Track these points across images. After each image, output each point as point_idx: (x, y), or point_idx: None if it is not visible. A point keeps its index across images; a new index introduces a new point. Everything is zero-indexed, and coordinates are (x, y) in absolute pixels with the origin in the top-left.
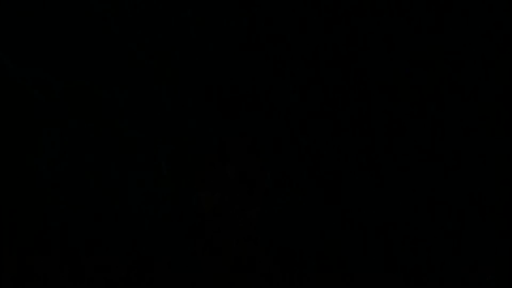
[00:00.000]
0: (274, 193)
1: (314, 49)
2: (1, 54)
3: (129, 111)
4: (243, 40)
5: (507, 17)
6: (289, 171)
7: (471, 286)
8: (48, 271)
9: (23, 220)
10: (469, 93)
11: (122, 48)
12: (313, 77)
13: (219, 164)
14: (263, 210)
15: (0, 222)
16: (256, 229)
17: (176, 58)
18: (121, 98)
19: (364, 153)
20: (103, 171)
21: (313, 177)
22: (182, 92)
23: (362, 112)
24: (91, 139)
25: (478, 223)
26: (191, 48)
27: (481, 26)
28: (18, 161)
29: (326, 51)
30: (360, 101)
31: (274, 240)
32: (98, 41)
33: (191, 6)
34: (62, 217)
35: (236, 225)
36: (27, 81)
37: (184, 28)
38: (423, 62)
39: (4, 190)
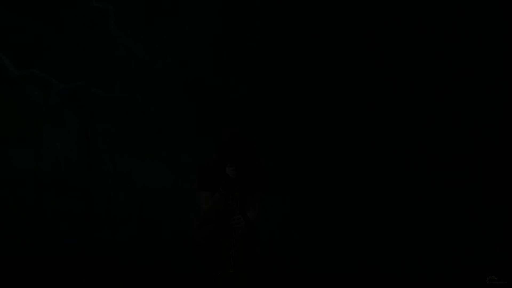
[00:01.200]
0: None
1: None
2: (1, 54)
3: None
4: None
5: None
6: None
7: (471, 284)
8: (47, 272)
9: (20, 219)
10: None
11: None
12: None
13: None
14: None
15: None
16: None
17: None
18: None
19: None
20: (103, 171)
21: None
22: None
23: (352, 117)
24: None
25: (479, 223)
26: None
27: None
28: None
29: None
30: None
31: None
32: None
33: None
34: (61, 215)
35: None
36: (27, 81)
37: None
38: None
39: (4, 188)
